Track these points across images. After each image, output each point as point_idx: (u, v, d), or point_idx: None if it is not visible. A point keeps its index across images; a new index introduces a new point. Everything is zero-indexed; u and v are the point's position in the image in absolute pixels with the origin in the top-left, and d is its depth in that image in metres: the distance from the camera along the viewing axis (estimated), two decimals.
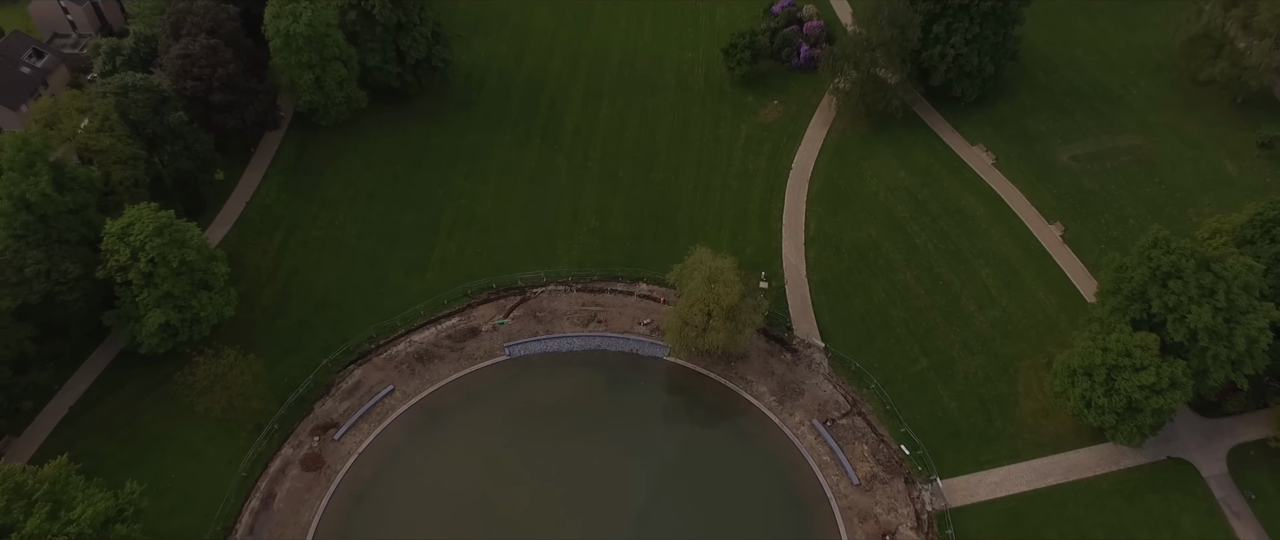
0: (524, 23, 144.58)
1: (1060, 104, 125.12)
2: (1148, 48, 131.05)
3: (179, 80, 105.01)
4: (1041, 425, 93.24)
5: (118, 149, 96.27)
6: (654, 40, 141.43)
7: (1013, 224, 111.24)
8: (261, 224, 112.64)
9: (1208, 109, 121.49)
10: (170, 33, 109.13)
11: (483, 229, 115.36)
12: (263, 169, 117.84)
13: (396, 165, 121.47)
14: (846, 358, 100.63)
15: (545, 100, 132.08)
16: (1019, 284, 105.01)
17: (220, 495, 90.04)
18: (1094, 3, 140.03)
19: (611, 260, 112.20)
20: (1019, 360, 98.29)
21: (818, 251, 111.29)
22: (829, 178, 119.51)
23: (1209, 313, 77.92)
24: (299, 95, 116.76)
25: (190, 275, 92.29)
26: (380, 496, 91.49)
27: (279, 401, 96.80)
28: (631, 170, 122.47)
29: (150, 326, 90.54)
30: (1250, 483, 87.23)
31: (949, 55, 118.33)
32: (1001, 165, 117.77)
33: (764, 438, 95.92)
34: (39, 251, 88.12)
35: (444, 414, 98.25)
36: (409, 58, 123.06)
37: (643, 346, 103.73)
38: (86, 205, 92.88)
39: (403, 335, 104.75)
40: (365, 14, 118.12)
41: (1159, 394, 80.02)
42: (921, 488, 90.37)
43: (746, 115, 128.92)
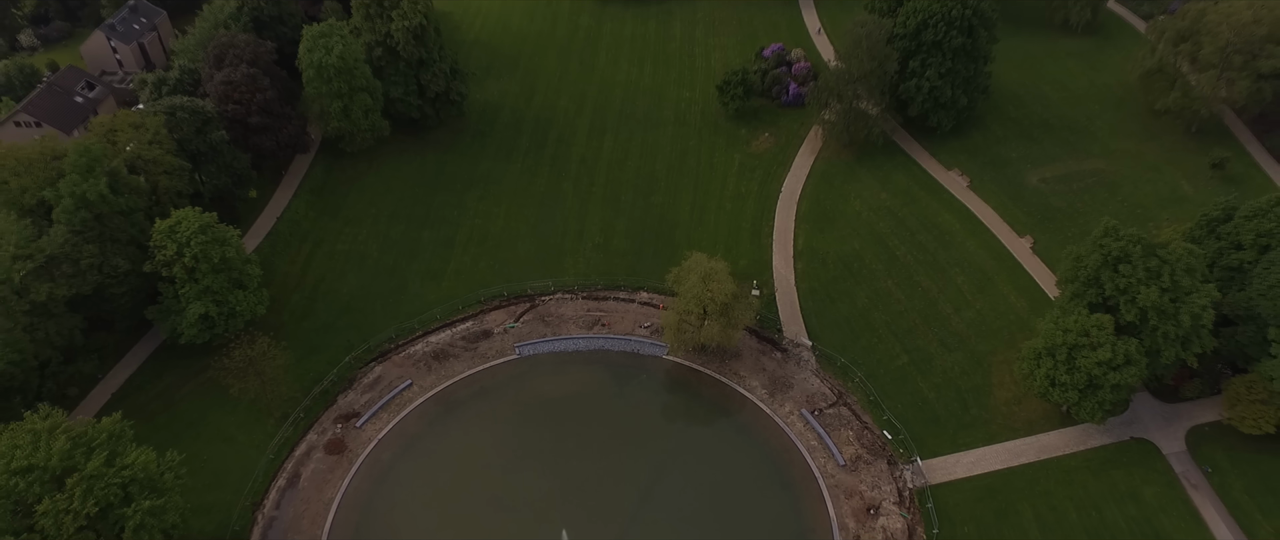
0: (533, 67, 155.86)
1: (1030, 134, 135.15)
2: (1110, 85, 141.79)
3: (221, 104, 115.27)
4: (1014, 412, 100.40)
5: (165, 161, 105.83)
6: (654, 81, 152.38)
7: (986, 238, 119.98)
8: (291, 237, 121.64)
9: (1165, 136, 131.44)
10: (213, 63, 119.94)
11: (495, 245, 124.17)
12: (293, 188, 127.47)
13: (415, 188, 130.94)
14: (833, 355, 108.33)
15: (553, 134, 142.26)
16: (992, 289, 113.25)
17: (249, 474, 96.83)
18: (1060, 47, 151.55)
19: (614, 272, 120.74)
20: (993, 355, 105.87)
21: (806, 263, 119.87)
22: (816, 199, 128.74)
23: (1156, 292, 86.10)
24: (328, 122, 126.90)
25: (228, 273, 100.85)
26: (398, 478, 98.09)
27: (305, 392, 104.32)
28: (633, 195, 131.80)
29: (191, 317, 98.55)
30: (1206, 458, 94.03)
31: (924, 88, 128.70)
32: (976, 187, 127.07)
33: (756, 426, 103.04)
34: (94, 247, 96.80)
35: (458, 405, 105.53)
36: (429, 91, 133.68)
37: (644, 347, 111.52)
38: (136, 209, 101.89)
39: (420, 336, 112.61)
40: (390, 50, 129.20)
41: (1116, 370, 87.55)
42: (903, 468, 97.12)
43: (739, 146, 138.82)
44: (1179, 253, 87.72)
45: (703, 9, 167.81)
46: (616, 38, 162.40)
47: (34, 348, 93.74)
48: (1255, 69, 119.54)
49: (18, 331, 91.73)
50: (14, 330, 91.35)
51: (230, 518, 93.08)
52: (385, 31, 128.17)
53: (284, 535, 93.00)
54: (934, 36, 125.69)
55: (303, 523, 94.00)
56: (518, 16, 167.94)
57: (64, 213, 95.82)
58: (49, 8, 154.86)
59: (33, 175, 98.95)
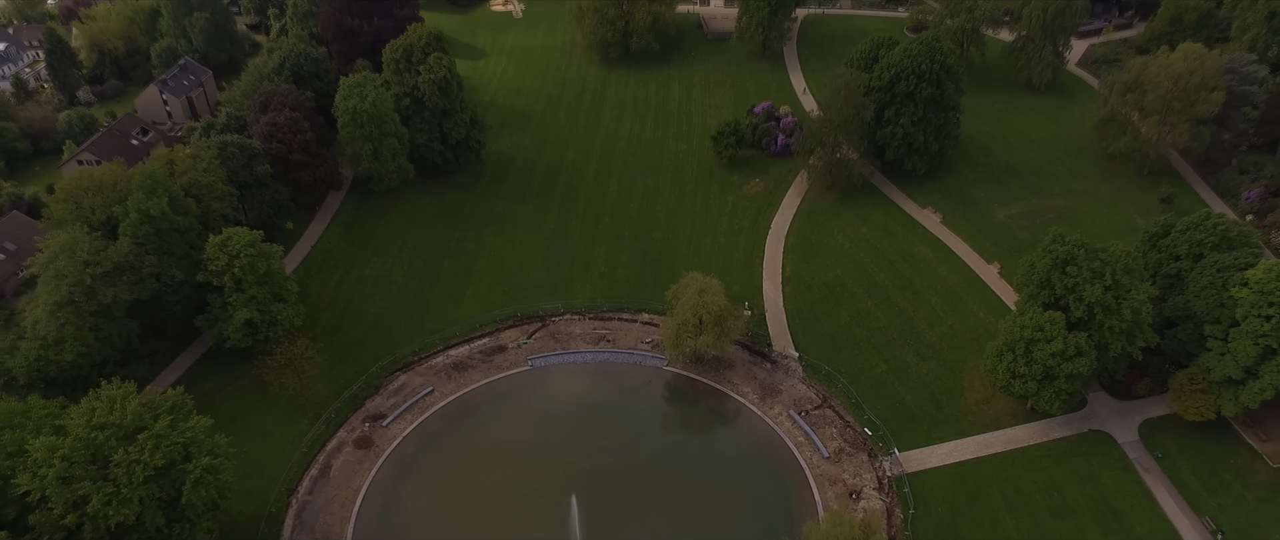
0: (544, 123, 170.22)
1: (997, 177, 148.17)
2: (1069, 135, 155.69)
3: (266, 142, 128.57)
4: (983, 410, 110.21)
5: (216, 187, 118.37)
6: (654, 136, 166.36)
7: (957, 264, 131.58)
8: (324, 263, 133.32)
9: (1120, 178, 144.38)
10: (259, 108, 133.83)
11: (509, 273, 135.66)
12: (326, 221, 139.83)
13: (437, 224, 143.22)
14: (818, 364, 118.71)
15: (562, 180, 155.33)
16: (963, 307, 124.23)
17: (285, 464, 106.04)
18: (1025, 103, 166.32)
19: (618, 296, 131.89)
20: (963, 363, 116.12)
21: (793, 288, 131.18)
22: (802, 234, 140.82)
23: (1099, 289, 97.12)
24: (359, 163, 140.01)
25: (270, 285, 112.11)
26: (420, 470, 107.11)
27: (336, 395, 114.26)
28: (635, 231, 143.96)
29: (237, 322, 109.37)
30: (1157, 445, 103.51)
31: (899, 134, 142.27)
32: (948, 222, 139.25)
33: (748, 426, 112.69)
34: (154, 258, 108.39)
35: (476, 408, 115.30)
36: (450, 138, 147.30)
37: (645, 359, 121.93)
38: (191, 228, 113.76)
39: (441, 350, 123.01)
40: (417, 100, 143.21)
41: (1069, 361, 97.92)
42: (882, 459, 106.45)
43: (732, 190, 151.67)
44: (1119, 254, 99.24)
45: (699, 73, 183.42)
46: (620, 98, 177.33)
47: (97, 346, 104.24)
48: (1193, 114, 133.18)
49: (85, 330, 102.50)
50: (82, 328, 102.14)
51: (267, 501, 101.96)
52: (413, 83, 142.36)
53: (316, 517, 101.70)
54: (906, 88, 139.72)
55: (333, 506, 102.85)
56: (530, 80, 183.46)
57: (129, 226, 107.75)
58: (104, 68, 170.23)
59: (102, 196, 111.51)
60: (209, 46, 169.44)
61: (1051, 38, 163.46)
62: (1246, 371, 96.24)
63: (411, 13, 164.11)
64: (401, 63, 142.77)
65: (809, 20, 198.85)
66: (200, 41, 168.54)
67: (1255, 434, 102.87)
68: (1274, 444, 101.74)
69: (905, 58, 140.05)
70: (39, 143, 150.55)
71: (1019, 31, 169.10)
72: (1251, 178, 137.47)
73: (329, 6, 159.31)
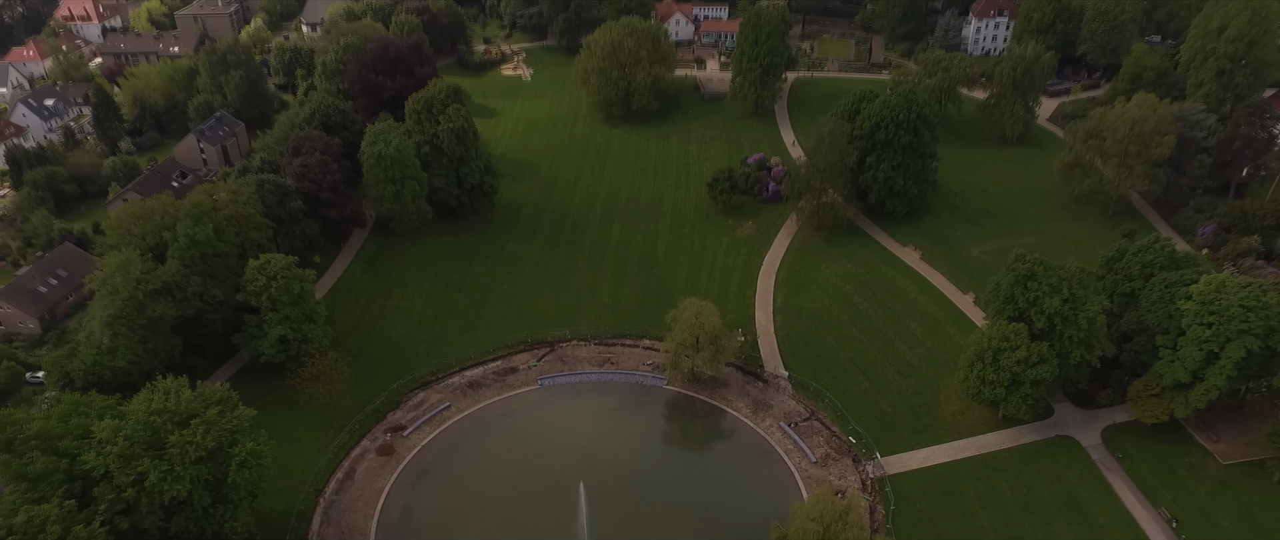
0: (551, 174, 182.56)
1: (973, 219, 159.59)
2: (1039, 181, 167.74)
3: (299, 181, 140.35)
4: (959, 420, 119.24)
5: (254, 219, 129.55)
6: (654, 185, 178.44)
7: (935, 295, 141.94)
8: (348, 294, 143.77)
9: (1086, 218, 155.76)
10: (292, 152, 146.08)
11: (520, 304, 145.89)
12: (351, 256, 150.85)
13: (453, 261, 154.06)
14: (806, 381, 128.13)
15: (568, 224, 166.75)
16: (940, 332, 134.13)
17: (312, 468, 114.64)
18: (999, 154, 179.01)
19: (621, 325, 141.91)
20: (940, 380, 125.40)
21: (783, 317, 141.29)
22: (792, 269, 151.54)
23: (1058, 301, 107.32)
24: (382, 204, 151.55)
25: (303, 305, 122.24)
26: (438, 474, 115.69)
27: (360, 409, 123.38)
28: (636, 268, 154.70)
29: (272, 338, 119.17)
30: (1118, 447, 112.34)
31: (880, 178, 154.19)
32: (927, 258, 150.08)
33: (742, 436, 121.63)
34: (198, 279, 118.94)
35: (490, 421, 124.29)
36: (466, 183, 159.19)
37: (646, 379, 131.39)
38: (231, 254, 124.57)
39: (457, 371, 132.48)
40: (436, 147, 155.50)
41: (1032, 367, 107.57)
42: (865, 463, 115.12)
43: (727, 232, 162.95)
44: (1074, 271, 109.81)
45: (696, 129, 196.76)
46: (622, 152, 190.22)
47: (145, 357, 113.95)
48: (1149, 157, 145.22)
49: (135, 341, 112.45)
50: (132, 339, 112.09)
51: (297, 499, 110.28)
52: (432, 132, 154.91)
53: (342, 514, 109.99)
54: (886, 136, 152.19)
55: (357, 505, 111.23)
56: (538, 136, 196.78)
57: (178, 250, 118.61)
58: (144, 122, 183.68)
59: (153, 223, 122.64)
60: (242, 101, 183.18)
61: (1022, 94, 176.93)
62: (1193, 375, 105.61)
63: (430, 71, 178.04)
64: (423, 113, 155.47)
65: (798, 82, 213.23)
66: (234, 97, 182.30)
67: (1207, 436, 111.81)
68: (1223, 444, 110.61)
69: (885, 108, 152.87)
70: (85, 186, 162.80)
71: (992, 89, 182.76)
72: (1206, 216, 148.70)
73: (356, 65, 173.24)
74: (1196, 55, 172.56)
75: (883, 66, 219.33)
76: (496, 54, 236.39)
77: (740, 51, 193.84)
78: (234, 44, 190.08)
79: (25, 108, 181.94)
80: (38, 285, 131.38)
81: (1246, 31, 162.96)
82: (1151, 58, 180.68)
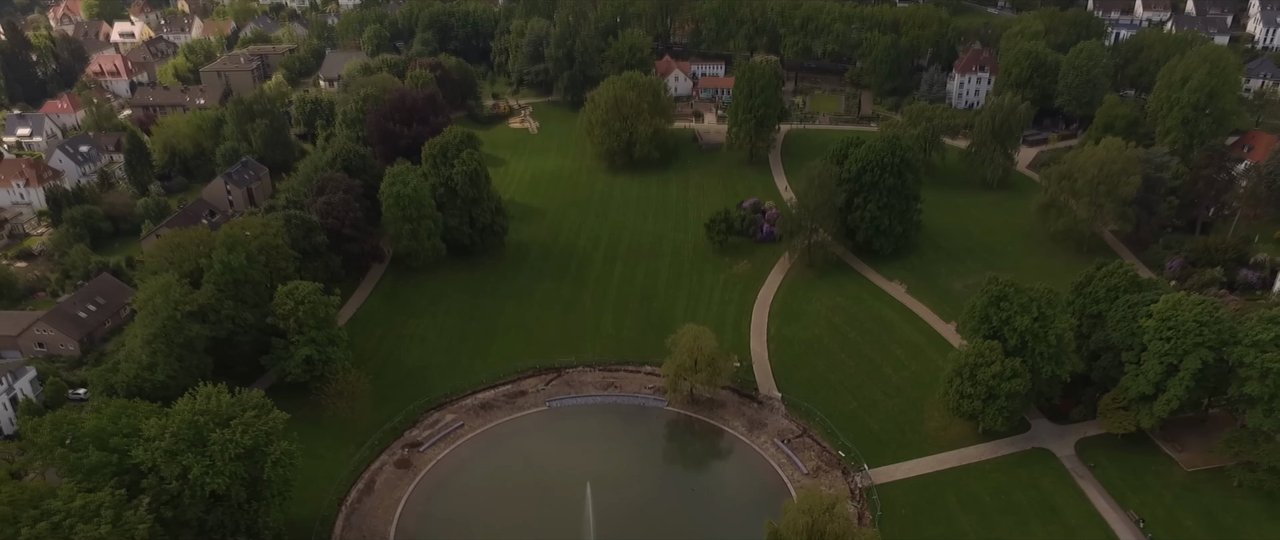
0: (557, 217, 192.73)
1: (956, 256, 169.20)
2: (1018, 222, 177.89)
3: (323, 217, 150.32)
4: (941, 435, 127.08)
5: (282, 250, 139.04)
6: (655, 227, 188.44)
7: (920, 325, 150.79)
8: (367, 323, 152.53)
9: (1062, 254, 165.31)
10: (316, 191, 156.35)
11: (529, 334, 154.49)
12: (369, 289, 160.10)
13: (465, 295, 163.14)
14: (798, 402, 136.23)
15: (574, 262, 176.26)
16: (924, 357, 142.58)
17: (334, 480, 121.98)
18: (980, 198, 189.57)
19: (624, 353, 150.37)
20: (924, 399, 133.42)
21: (776, 345, 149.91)
22: (784, 303, 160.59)
23: (1028, 319, 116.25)
24: (399, 241, 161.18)
25: (327, 329, 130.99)
26: (453, 486, 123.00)
27: (378, 426, 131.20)
28: (638, 302, 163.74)
29: (297, 359, 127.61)
30: (1090, 457, 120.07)
31: (867, 218, 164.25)
32: (912, 291, 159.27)
33: (738, 452, 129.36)
34: (231, 302, 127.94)
35: (501, 439, 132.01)
36: (478, 223, 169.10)
37: (648, 401, 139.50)
38: (261, 281, 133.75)
39: (469, 394, 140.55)
40: (450, 189, 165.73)
41: (1007, 381, 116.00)
42: (854, 474, 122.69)
43: (723, 269, 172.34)
44: (1042, 291, 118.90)
45: (694, 176, 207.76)
46: (624, 197, 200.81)
47: (180, 374, 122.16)
48: (1117, 196, 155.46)
49: (172, 359, 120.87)
50: (170, 357, 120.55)
51: (321, 507, 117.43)
52: (447, 175, 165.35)
53: (363, 520, 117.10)
54: (872, 178, 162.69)
55: (377, 512, 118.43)
56: (545, 183, 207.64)
57: (213, 275, 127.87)
58: (173, 167, 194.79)
59: (189, 252, 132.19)
60: (266, 148, 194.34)
61: (1001, 141, 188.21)
62: (1156, 387, 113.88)
63: (445, 120, 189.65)
64: (438, 157, 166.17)
65: (791, 134, 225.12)
66: (259, 144, 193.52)
67: (1173, 446, 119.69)
68: (1187, 453, 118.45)
69: (870, 153, 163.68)
70: (119, 224, 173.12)
71: (973, 137, 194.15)
72: (1174, 252, 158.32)
73: (375, 114, 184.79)
74: (1163, 105, 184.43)
75: (871, 119, 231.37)
76: (505, 108, 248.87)
77: (736, 103, 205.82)
78: (260, 94, 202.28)
79: (62, 153, 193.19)
80: (78, 311, 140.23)
81: (1207, 82, 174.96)
82: (1122, 108, 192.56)
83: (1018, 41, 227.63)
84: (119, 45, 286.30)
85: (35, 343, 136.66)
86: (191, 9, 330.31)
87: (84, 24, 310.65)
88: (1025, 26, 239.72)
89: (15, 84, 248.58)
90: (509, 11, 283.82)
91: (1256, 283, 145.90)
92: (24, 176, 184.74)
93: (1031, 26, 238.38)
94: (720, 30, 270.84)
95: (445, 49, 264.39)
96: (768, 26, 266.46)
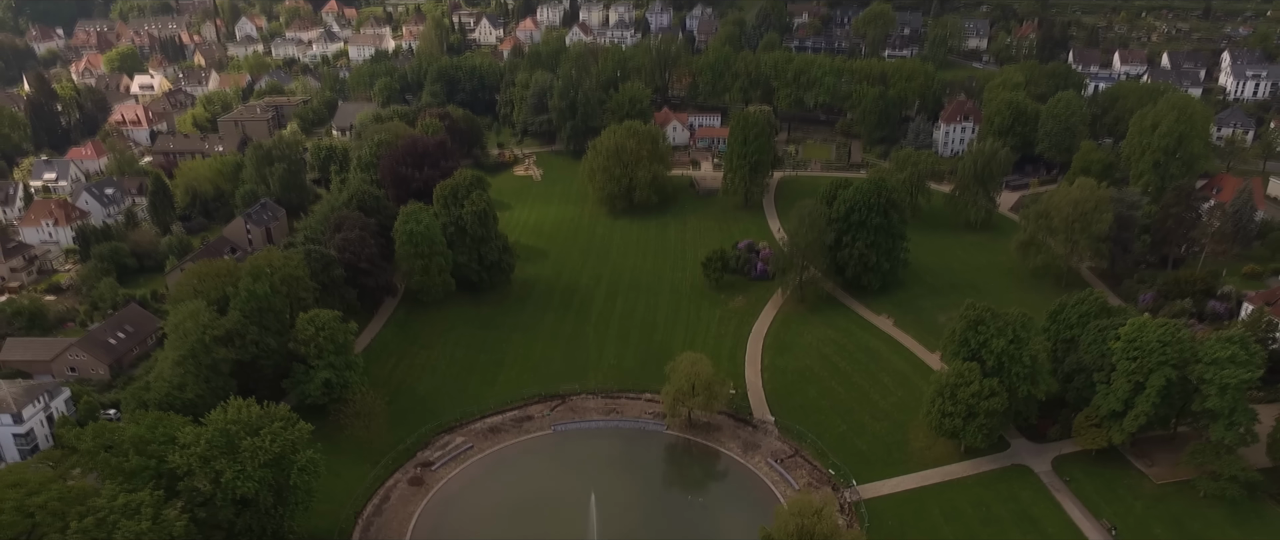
0: (561, 258, 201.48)
1: (940, 292, 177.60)
2: (1000, 260, 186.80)
3: (340, 253, 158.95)
4: (926, 454, 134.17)
5: (303, 281, 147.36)
6: (654, 266, 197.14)
7: (906, 354, 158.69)
8: (381, 353, 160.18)
9: (1042, 290, 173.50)
10: (334, 229, 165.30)
11: (535, 364, 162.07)
12: (383, 321, 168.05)
13: (473, 328, 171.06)
14: (790, 425, 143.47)
15: (577, 299, 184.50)
16: (910, 384, 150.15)
17: (351, 495, 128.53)
18: (964, 239, 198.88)
19: (625, 381, 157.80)
20: (909, 422, 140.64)
21: (770, 374, 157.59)
22: (777, 335, 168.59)
23: (1004, 341, 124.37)
24: (411, 277, 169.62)
25: (345, 354, 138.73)
26: (464, 502, 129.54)
27: (392, 447, 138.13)
28: (639, 335, 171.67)
29: (317, 382, 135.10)
30: (1066, 472, 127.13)
31: (855, 255, 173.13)
32: (899, 324, 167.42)
33: (734, 471, 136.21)
34: (255, 328, 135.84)
35: (509, 459, 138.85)
36: (486, 261, 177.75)
37: (648, 425, 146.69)
38: (283, 309, 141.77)
39: (478, 419, 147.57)
40: (460, 228, 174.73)
41: (985, 399, 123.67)
42: (843, 490, 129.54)
43: (720, 305, 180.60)
44: (1017, 316, 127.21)
45: (692, 220, 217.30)
46: (625, 239, 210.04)
47: (208, 395, 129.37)
48: (1090, 232, 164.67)
49: (200, 380, 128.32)
50: (198, 379, 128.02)
51: (338, 520, 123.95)
52: (457, 214, 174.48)
53: (379, 533, 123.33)
54: (860, 217, 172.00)
55: (392, 525, 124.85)
56: (548, 225, 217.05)
57: (239, 302, 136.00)
58: (194, 208, 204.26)
59: (216, 281, 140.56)
60: (283, 191, 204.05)
61: (983, 184, 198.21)
62: (1125, 404, 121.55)
63: (455, 165, 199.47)
64: (449, 197, 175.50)
65: (783, 180, 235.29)
66: (277, 187, 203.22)
67: (1144, 462, 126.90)
68: (1157, 467, 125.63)
69: (858, 193, 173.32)
70: (143, 260, 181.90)
71: (956, 181, 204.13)
72: (1147, 286, 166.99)
73: (388, 159, 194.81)
74: (1135, 149, 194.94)
75: (861, 166, 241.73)
76: (509, 157, 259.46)
77: (731, 149, 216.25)
78: (279, 140, 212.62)
79: (88, 195, 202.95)
80: (108, 338, 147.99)
81: (1175, 128, 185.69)
82: (1098, 153, 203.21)
83: (1000, 92, 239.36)
84: (139, 96, 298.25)
85: (67, 367, 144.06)
86: (208, 63, 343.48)
87: (105, 77, 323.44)
88: (1006, 78, 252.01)
89: (41, 132, 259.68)
90: (514, 66, 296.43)
91: (1223, 313, 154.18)
92: (53, 216, 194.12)
93: (1012, 78, 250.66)
94: (716, 83, 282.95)
95: (452, 100, 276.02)
96: (762, 80, 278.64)
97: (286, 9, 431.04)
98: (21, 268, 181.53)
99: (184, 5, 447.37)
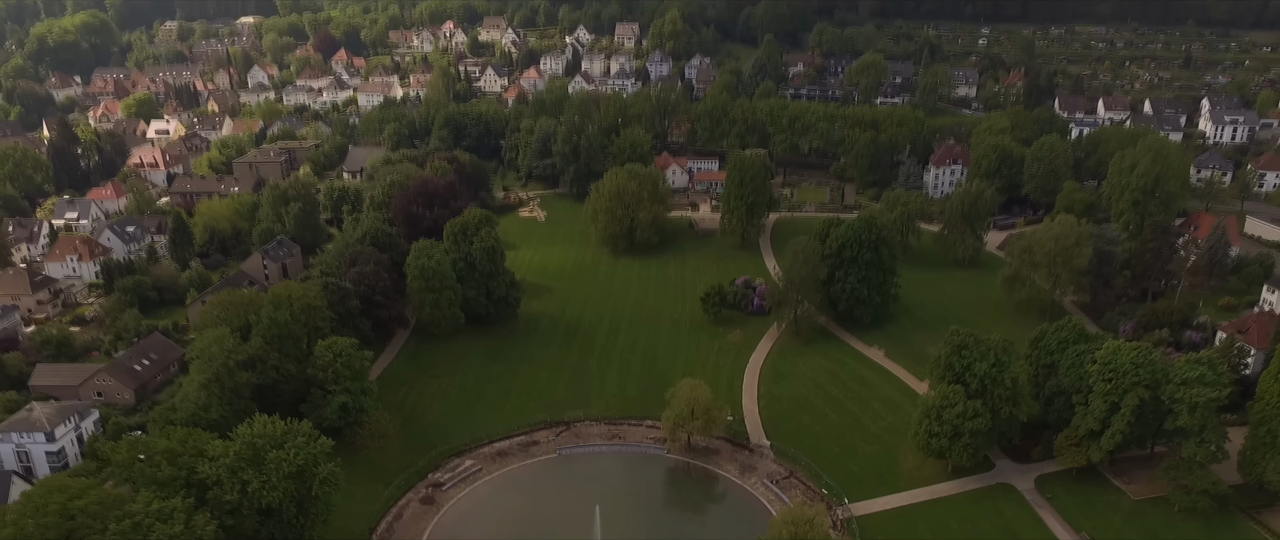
0: (565, 294, 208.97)
1: (930, 325, 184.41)
2: (988, 295, 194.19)
3: (355, 285, 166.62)
4: (915, 474, 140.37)
5: (321, 311, 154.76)
6: (655, 302, 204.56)
7: (897, 383, 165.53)
8: (393, 382, 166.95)
9: (1028, 322, 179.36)
10: (349, 263, 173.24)
11: (540, 392, 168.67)
12: (395, 352, 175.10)
13: (481, 359, 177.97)
14: (785, 448, 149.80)
15: (581, 333, 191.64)
16: (900, 410, 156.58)
17: (365, 513, 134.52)
18: (953, 275, 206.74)
19: (628, 408, 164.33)
20: (899, 445, 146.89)
21: (766, 402, 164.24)
22: (773, 366, 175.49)
23: (986, 365, 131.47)
24: (422, 310, 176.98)
25: (360, 380, 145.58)
26: (473, 520, 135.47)
27: (404, 469, 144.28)
28: (640, 366, 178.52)
29: (334, 405, 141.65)
30: (1048, 490, 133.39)
31: (847, 289, 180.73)
32: (890, 355, 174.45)
33: (731, 492, 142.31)
34: (276, 354, 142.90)
35: (516, 481, 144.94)
36: (494, 295, 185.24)
37: (649, 449, 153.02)
38: (302, 337, 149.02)
39: (486, 443, 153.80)
40: (469, 264, 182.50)
41: (970, 420, 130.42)
42: (836, 508, 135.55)
43: (718, 338, 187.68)
44: (998, 340, 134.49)
45: (691, 259, 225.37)
46: (626, 277, 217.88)
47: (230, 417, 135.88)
48: (1072, 266, 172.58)
49: (224, 402, 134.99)
50: (222, 399, 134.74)
51: (354, 536, 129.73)
52: (467, 250, 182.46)
53: None
54: (851, 253, 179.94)
55: None
56: (553, 264, 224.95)
57: (261, 329, 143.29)
58: (211, 245, 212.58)
59: (238, 310, 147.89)
60: (298, 229, 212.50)
61: (970, 223, 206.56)
62: (1102, 424, 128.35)
63: (464, 204, 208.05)
64: (459, 234, 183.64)
65: (779, 221, 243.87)
66: (292, 225, 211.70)
67: (1122, 479, 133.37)
68: (1135, 485, 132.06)
69: (849, 231, 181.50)
70: (164, 294, 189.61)
71: (945, 220, 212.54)
72: (1127, 317, 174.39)
73: (400, 198, 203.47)
74: (1115, 189, 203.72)
75: (853, 208, 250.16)
76: (514, 199, 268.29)
77: (728, 192, 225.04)
78: (295, 181, 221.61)
79: (111, 232, 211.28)
80: (133, 364, 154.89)
81: (1152, 168, 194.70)
82: (1080, 194, 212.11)
83: (987, 137, 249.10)
84: (155, 141, 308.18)
85: (95, 391, 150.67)
86: (222, 109, 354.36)
87: (122, 122, 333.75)
88: (994, 124, 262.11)
89: (62, 174, 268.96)
90: (518, 113, 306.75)
91: (1199, 342, 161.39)
92: (77, 252, 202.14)
93: (999, 124, 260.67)
94: (714, 129, 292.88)
95: (459, 145, 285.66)
96: (758, 126, 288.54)
97: (297, 58, 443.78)
98: (47, 300, 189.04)
99: (198, 54, 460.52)
